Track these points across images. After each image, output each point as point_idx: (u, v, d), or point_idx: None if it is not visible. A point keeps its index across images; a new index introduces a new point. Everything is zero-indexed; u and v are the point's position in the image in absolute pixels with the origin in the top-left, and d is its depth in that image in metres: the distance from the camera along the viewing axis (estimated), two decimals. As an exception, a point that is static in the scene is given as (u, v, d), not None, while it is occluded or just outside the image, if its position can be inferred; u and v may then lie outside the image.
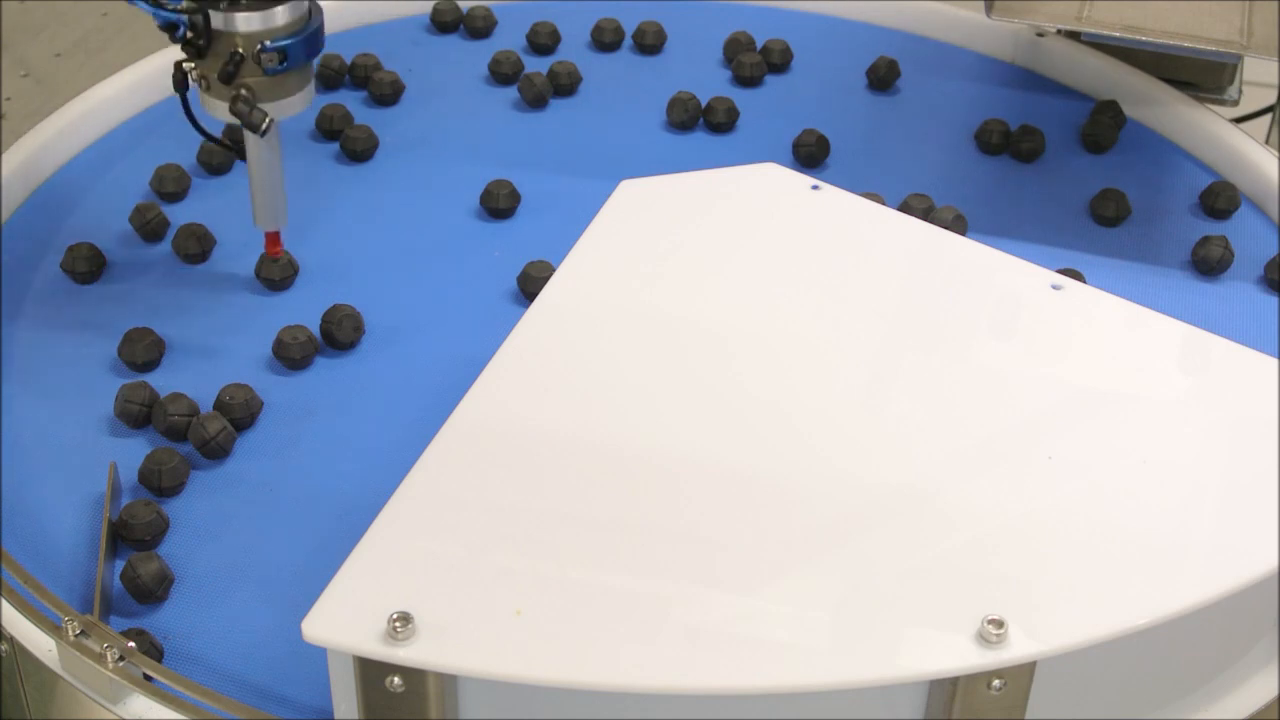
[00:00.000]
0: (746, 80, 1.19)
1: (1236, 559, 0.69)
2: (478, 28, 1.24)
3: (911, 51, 1.22)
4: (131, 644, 0.72)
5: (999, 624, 0.64)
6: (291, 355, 0.92)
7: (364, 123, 1.12)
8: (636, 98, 1.17)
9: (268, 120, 0.88)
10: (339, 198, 1.06)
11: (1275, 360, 0.79)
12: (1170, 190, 1.09)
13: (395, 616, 0.64)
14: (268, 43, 0.87)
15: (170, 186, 1.06)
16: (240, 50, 0.87)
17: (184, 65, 0.90)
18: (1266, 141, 1.14)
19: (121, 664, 0.71)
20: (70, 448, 0.87)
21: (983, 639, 0.64)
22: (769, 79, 1.20)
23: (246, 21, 0.87)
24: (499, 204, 1.04)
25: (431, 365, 0.93)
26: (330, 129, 1.11)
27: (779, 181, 0.92)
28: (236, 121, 0.89)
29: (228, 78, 0.88)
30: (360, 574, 0.67)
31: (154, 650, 0.75)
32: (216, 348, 0.94)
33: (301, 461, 0.86)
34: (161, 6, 0.87)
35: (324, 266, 1.00)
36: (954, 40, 1.24)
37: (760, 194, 0.91)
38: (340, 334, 0.93)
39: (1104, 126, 1.12)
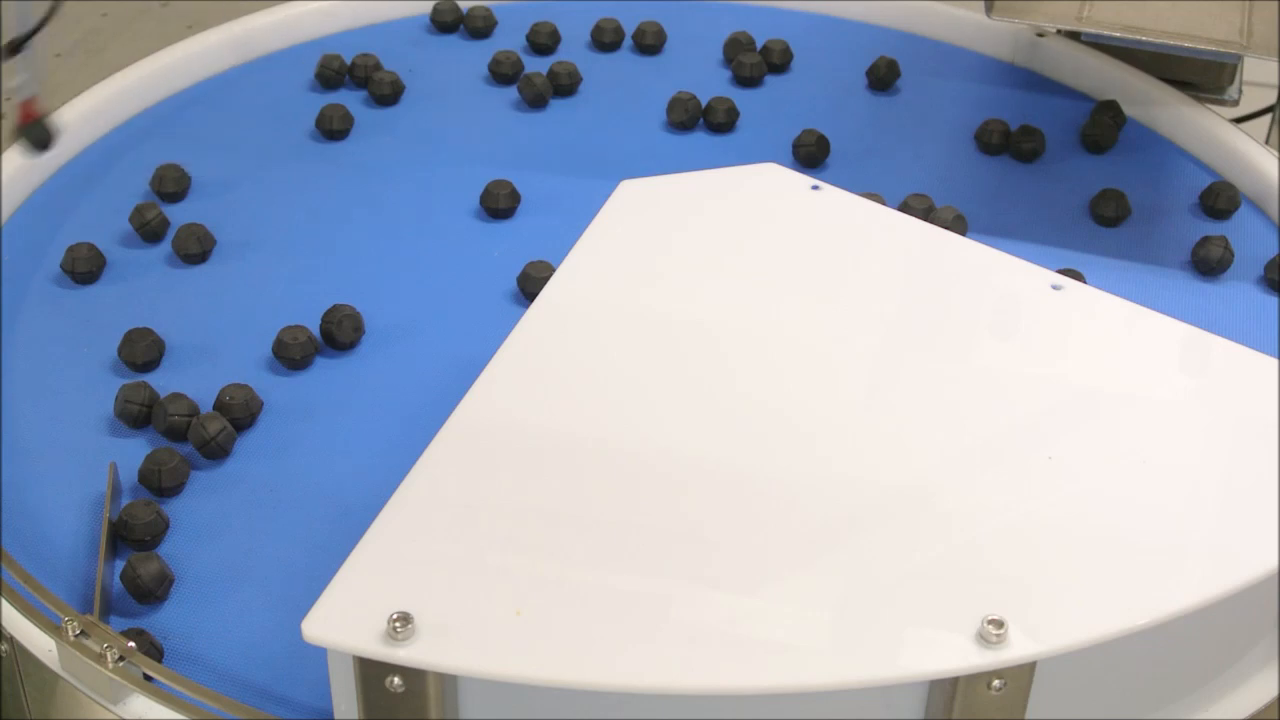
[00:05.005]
0: (746, 80, 1.19)
1: (1236, 559, 0.69)
2: (478, 28, 1.24)
3: (911, 51, 1.22)
4: (131, 644, 0.72)
5: (999, 624, 0.64)
6: (291, 355, 0.92)
7: (364, 123, 1.13)
8: (636, 98, 1.17)
9: None
10: (339, 197, 1.06)
11: (1275, 360, 0.79)
12: (1170, 190, 1.09)
13: (395, 616, 0.64)
14: None
15: (170, 186, 1.06)
16: None
17: None
18: (1266, 141, 1.14)
19: (121, 664, 0.71)
20: (70, 448, 0.87)
21: (983, 639, 0.64)
22: (769, 79, 1.20)
23: None
24: (499, 204, 1.04)
25: (431, 365, 0.93)
26: (330, 129, 1.11)
27: (779, 181, 0.92)
28: None
29: None
30: (360, 574, 0.67)
31: (154, 650, 0.75)
32: (216, 348, 0.94)
33: (301, 461, 0.86)
34: None
35: (324, 266, 1.00)
36: (954, 40, 1.24)
37: (760, 194, 0.91)
38: (340, 334, 0.93)
39: (1104, 126, 1.12)
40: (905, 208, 1.02)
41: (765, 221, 0.89)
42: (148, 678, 0.72)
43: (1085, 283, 0.92)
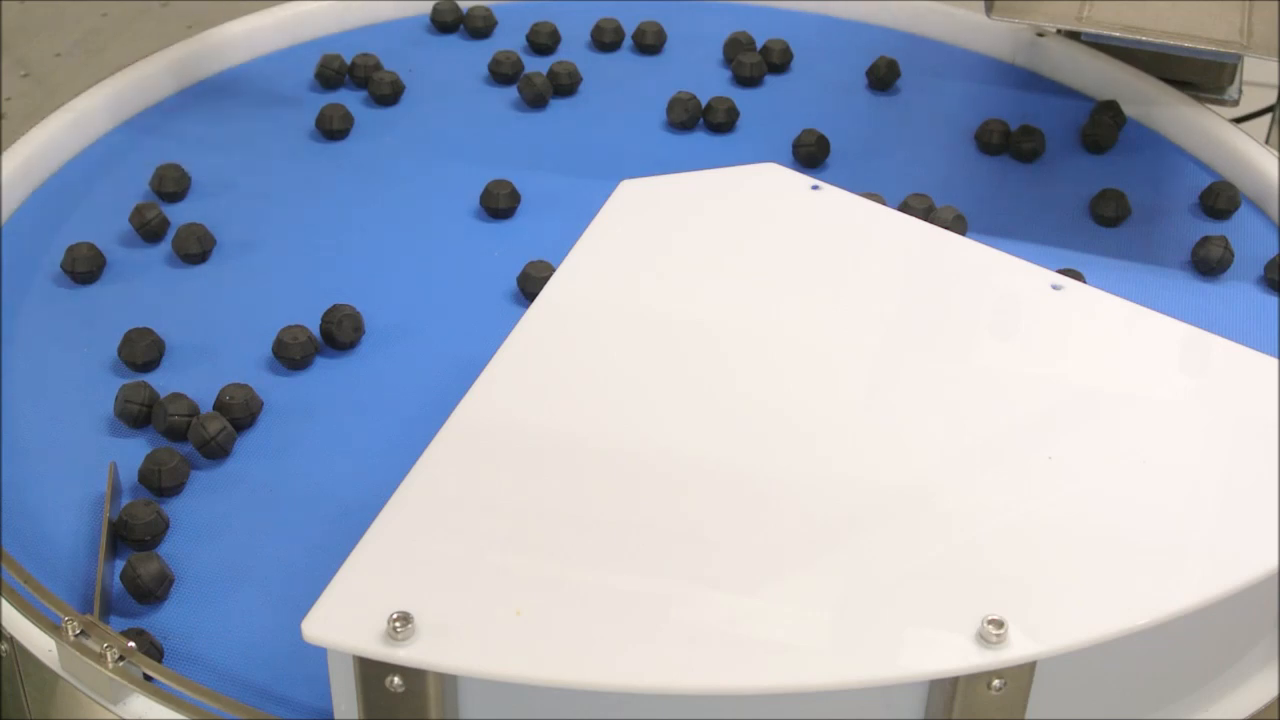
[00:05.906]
0: (746, 80, 1.19)
1: (1236, 559, 0.69)
2: (478, 28, 1.24)
3: (911, 51, 1.22)
4: (131, 644, 0.72)
5: (999, 624, 0.64)
6: (291, 355, 0.92)
7: (364, 123, 1.13)
8: (636, 98, 1.17)
9: None
10: (339, 197, 1.06)
11: (1275, 360, 0.80)
12: (1170, 190, 1.09)
13: (395, 616, 0.64)
14: None
15: (170, 186, 1.06)
16: None
17: None
18: (1266, 141, 1.14)
19: (121, 664, 0.71)
20: (70, 448, 0.87)
21: (983, 639, 0.64)
22: (769, 79, 1.20)
23: None
24: (499, 204, 1.04)
25: (431, 365, 0.93)
26: (330, 129, 1.11)
27: (779, 181, 0.92)
28: None
29: None
30: (360, 574, 0.67)
31: (154, 650, 0.75)
32: (216, 348, 0.94)
33: (301, 461, 0.86)
34: None
35: (324, 266, 1.00)
36: (954, 40, 1.24)
37: (760, 194, 0.91)
38: (340, 334, 0.93)
39: (1104, 126, 1.12)
40: (905, 208, 1.02)
41: (765, 221, 0.89)
42: (148, 678, 0.72)
43: (1085, 283, 0.92)
